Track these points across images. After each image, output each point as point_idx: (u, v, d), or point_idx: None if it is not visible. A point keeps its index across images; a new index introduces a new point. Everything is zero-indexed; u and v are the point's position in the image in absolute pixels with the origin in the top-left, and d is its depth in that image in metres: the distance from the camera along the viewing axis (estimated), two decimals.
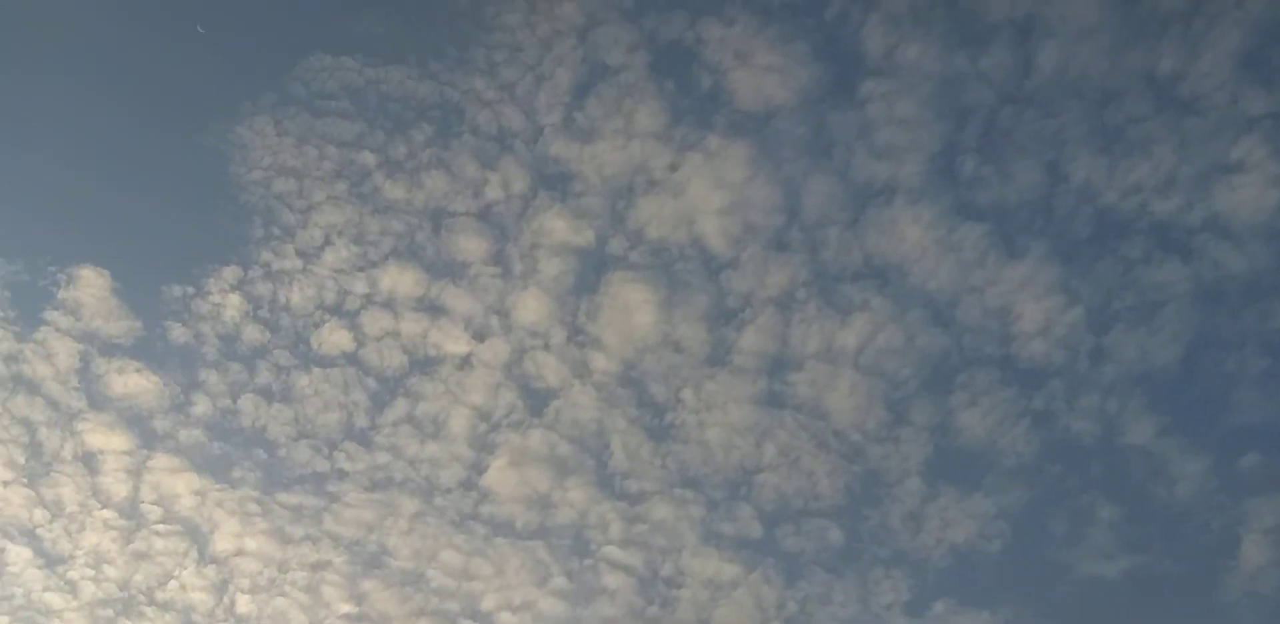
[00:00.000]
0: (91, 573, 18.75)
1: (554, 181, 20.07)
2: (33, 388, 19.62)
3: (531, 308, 20.06)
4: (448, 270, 20.51)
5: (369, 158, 20.69)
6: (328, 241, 20.79)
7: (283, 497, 20.50)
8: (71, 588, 18.58)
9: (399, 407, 21.12)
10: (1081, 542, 16.86)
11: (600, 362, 19.89)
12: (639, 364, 19.66)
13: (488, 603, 20.38)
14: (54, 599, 18.36)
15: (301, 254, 20.72)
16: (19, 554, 18.44)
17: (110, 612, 18.68)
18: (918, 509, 17.89)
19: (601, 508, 20.62)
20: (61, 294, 19.96)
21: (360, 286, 20.65)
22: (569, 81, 19.27)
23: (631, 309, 19.15)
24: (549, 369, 20.36)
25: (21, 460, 19.20)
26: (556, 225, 19.49)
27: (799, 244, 17.88)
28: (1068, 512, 17.08)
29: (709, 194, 18.08)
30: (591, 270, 19.68)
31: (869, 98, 16.41)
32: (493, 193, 20.13)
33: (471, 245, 20.45)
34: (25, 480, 19.05)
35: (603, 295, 19.67)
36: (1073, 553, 16.99)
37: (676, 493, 19.76)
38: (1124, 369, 16.00)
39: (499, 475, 20.65)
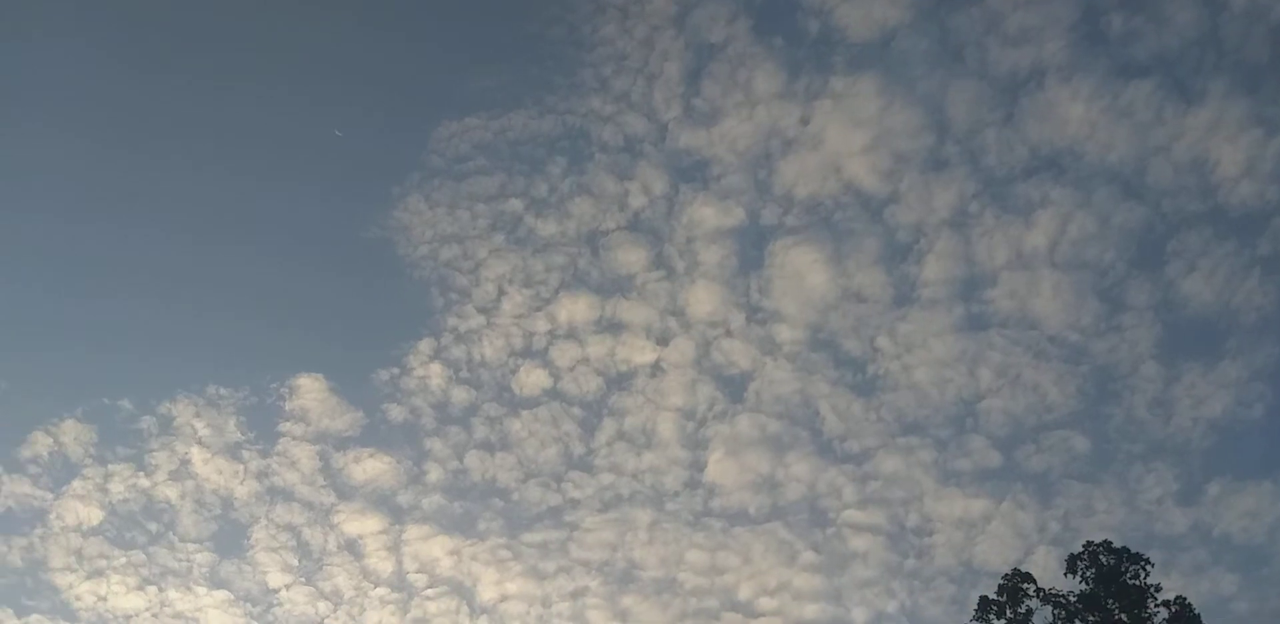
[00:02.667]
0: None
1: (691, 173, 20.30)
2: (287, 495, 20.61)
3: (704, 300, 20.23)
4: (615, 287, 20.81)
5: (516, 204, 21.17)
6: (501, 292, 21.33)
7: (527, 537, 20.90)
8: None
9: (608, 427, 21.41)
10: None
11: (785, 333, 19.98)
12: (825, 325, 19.69)
13: (744, 592, 20.43)
14: None
15: (482, 310, 21.27)
16: None
17: None
18: (1162, 394, 17.56)
19: (829, 475, 20.59)
20: (288, 406, 21.09)
21: (541, 325, 21.07)
22: (679, 72, 19.59)
23: (802, 273, 19.19)
24: (737, 354, 20.48)
25: (295, 562, 20.08)
26: (705, 214, 19.69)
27: (957, 158, 17.88)
28: None
29: (848, 136, 18.21)
30: (752, 247, 19.83)
31: None
32: (636, 201, 20.44)
33: (631, 257, 20.74)
34: (304, 579, 19.83)
35: (770, 268, 19.82)
36: None
37: (900, 442, 19.70)
38: None
39: (719, 468, 20.72)
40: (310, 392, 21.10)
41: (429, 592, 20.13)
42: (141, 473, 20.29)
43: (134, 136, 24.11)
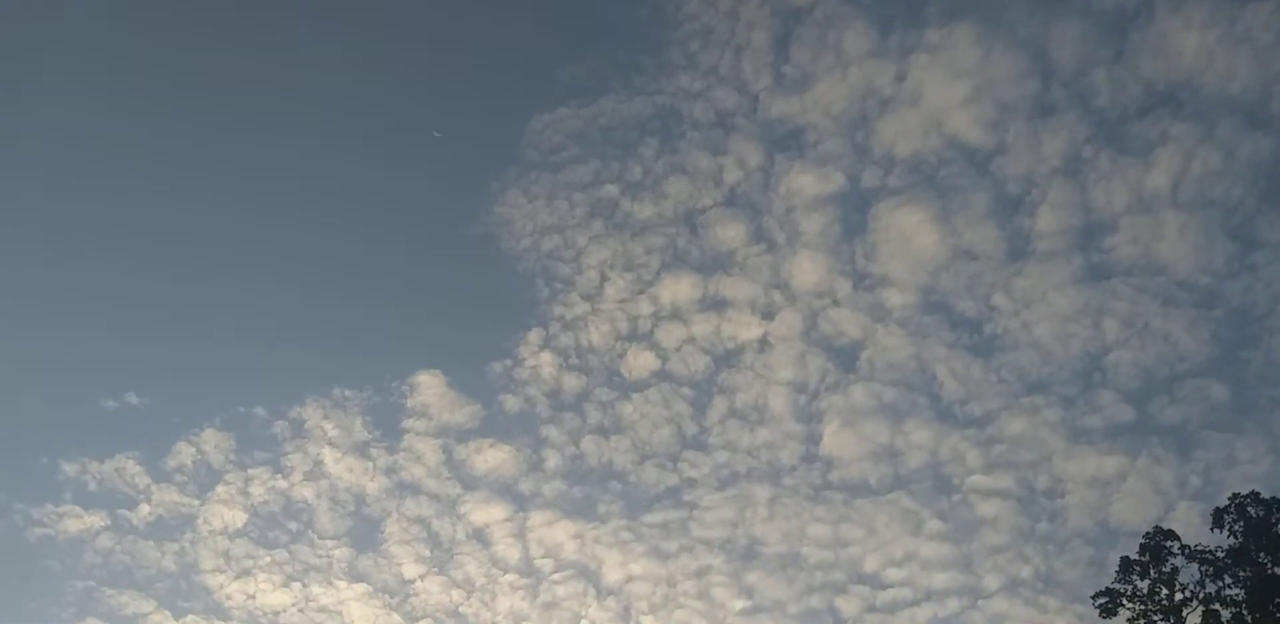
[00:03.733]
0: None
1: (786, 141, 19.94)
2: (415, 488, 21.24)
3: (807, 270, 19.90)
4: (717, 263, 20.64)
5: (612, 190, 21.15)
6: (604, 278, 21.41)
7: (648, 518, 21.00)
8: None
9: (719, 405, 21.30)
10: None
11: (895, 298, 19.51)
12: (937, 286, 19.16)
13: (870, 564, 20.10)
14: None
15: (586, 297, 21.41)
16: None
17: None
18: None
19: (951, 441, 20.08)
20: (410, 403, 21.71)
21: (645, 307, 21.07)
22: (766, 40, 19.22)
23: (909, 235, 18.66)
24: (847, 323, 20.11)
25: (427, 553, 20.67)
26: (804, 182, 19.32)
27: (1065, 101, 17.09)
28: None
29: (948, 89, 17.59)
30: (854, 211, 19.41)
31: None
32: (732, 175, 20.19)
33: (730, 233, 20.54)
34: (436, 569, 20.42)
35: (875, 232, 19.37)
36: None
37: (1025, 402, 19.07)
38: None
39: (836, 440, 20.41)
40: (429, 388, 21.61)
41: (556, 576, 20.44)
42: (279, 475, 21.10)
43: (254, 137, 24.91)
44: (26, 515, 20.37)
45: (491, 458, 21.06)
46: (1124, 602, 10.82)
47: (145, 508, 20.58)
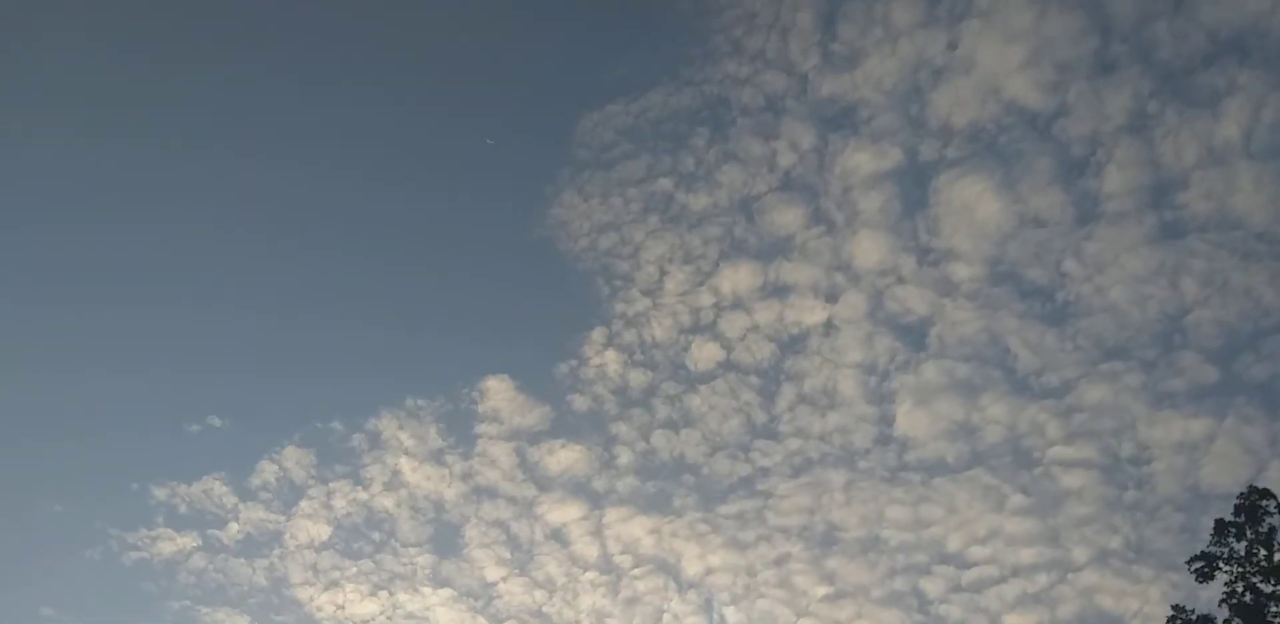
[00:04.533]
0: None
1: (839, 121, 19.68)
2: (492, 492, 21.49)
3: (869, 249, 19.60)
4: (776, 249, 20.47)
5: (665, 183, 21.13)
6: (663, 272, 21.38)
7: (723, 509, 20.88)
8: None
9: (787, 392, 21.09)
10: None
11: (962, 271, 19.12)
12: (1004, 257, 18.72)
13: (953, 544, 19.70)
14: None
15: (646, 292, 21.39)
16: None
17: None
18: None
19: (1029, 413, 19.60)
20: (481, 408, 21.97)
21: (706, 299, 20.98)
22: (812, 19, 18.97)
23: (972, 205, 18.26)
24: (913, 300, 19.76)
25: (508, 555, 20.90)
26: (859, 160, 19.03)
27: (1127, 57, 16.53)
28: None
29: (1003, 53, 17.16)
30: (913, 186, 19.06)
31: None
32: (785, 159, 20.00)
33: (787, 217, 20.34)
34: (518, 570, 20.61)
35: (935, 206, 19.00)
36: None
37: (1104, 368, 18.53)
38: None
39: (909, 420, 20.06)
40: (499, 392, 21.78)
41: (636, 571, 20.42)
42: (359, 487, 21.43)
43: (306, 161, 25.36)
44: (121, 540, 21.00)
45: (564, 458, 21.15)
46: (1220, 565, 10.42)
47: (234, 526, 21.08)
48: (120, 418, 24.04)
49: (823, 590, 20.15)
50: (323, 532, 21.15)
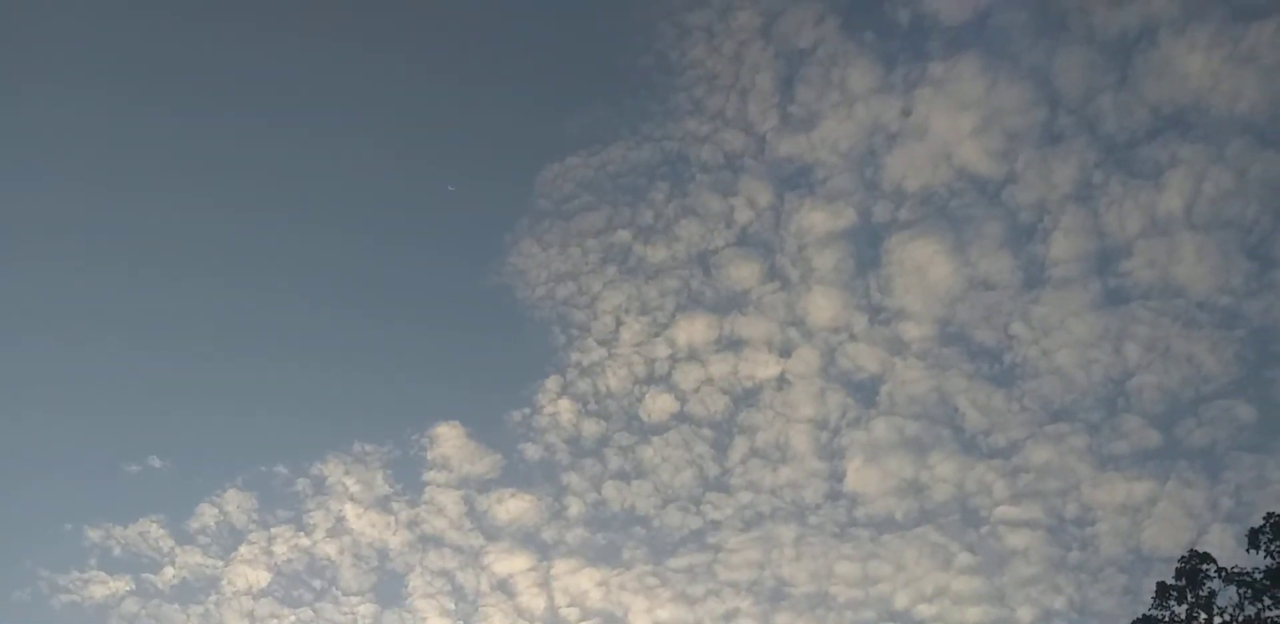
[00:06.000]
0: None
1: (795, 179, 20.06)
2: (438, 541, 21.13)
3: (823, 306, 19.88)
4: (731, 303, 20.67)
5: (624, 235, 21.35)
6: (619, 322, 21.48)
7: (672, 562, 20.79)
8: None
9: (740, 445, 21.16)
10: None
11: (913, 331, 19.44)
12: (953, 318, 19.09)
13: (900, 601, 19.77)
14: None
15: (602, 342, 21.46)
16: None
17: None
18: None
19: (976, 472, 19.85)
20: (430, 455, 21.75)
21: (662, 350, 21.08)
22: (771, 81, 19.44)
23: (923, 267, 18.65)
24: (864, 357, 20.03)
25: (453, 606, 20.59)
26: (814, 219, 19.39)
27: (1073, 128, 17.14)
28: None
29: (955, 120, 17.68)
30: (867, 246, 19.41)
31: None
32: (742, 216, 20.30)
33: (743, 272, 20.58)
34: (462, 621, 20.22)
35: (888, 265, 19.36)
36: None
37: (1049, 430, 18.86)
38: None
39: (859, 476, 20.20)
40: (449, 439, 21.59)
41: None
42: (301, 533, 21.01)
43: (264, 201, 25.26)
44: (52, 582, 20.35)
45: (513, 507, 20.95)
46: None
47: (170, 571, 20.52)
48: (55, 456, 23.47)
49: None
50: (262, 578, 20.67)
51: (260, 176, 25.56)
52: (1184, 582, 10.73)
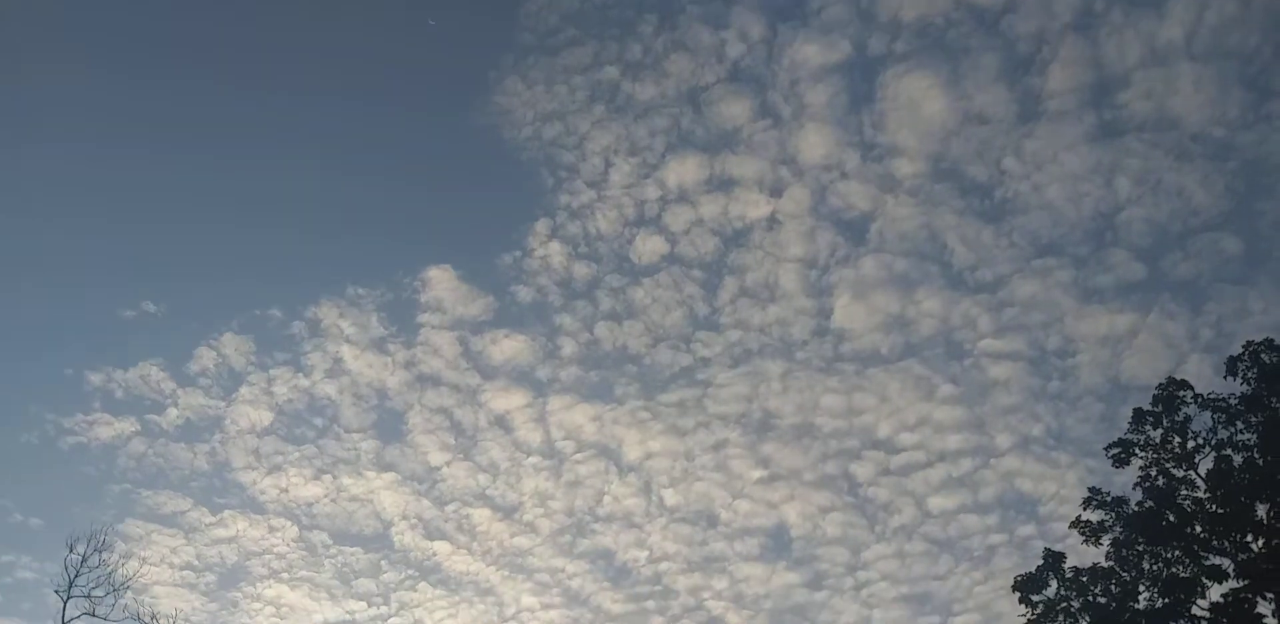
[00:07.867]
0: (541, 511, 20.29)
1: (789, 11, 19.25)
2: (435, 380, 21.53)
3: (815, 143, 19.56)
4: (723, 142, 20.30)
5: (611, 71, 20.67)
6: (608, 163, 21.16)
7: (664, 397, 21.33)
8: (531, 528, 20.04)
9: (729, 285, 21.32)
10: None
11: (905, 167, 19.23)
12: (946, 153, 18.83)
13: (883, 430, 20.47)
14: (521, 542, 19.97)
15: (591, 184, 21.20)
16: (481, 514, 20.30)
17: (568, 537, 20.23)
18: None
19: (962, 307, 20.13)
20: (423, 298, 21.85)
21: (652, 192, 20.88)
22: None
23: (917, 101, 18.22)
24: (856, 195, 19.91)
25: (452, 441, 21.19)
26: (808, 52, 18.77)
27: None
28: None
29: None
30: (861, 79, 18.91)
31: None
32: (734, 50, 19.61)
33: (735, 109, 20.13)
34: (462, 455, 20.94)
35: (882, 101, 18.95)
36: None
37: (1036, 265, 19.00)
38: None
39: (847, 312, 20.48)
40: (441, 282, 21.71)
41: (578, 456, 20.95)
42: (300, 374, 21.44)
43: (244, 46, 24.47)
44: (58, 425, 20.91)
45: (508, 348, 21.31)
46: (1136, 451, 10.94)
47: (173, 412, 21.06)
48: (53, 299, 23.68)
49: (757, 474, 20.91)
50: (264, 417, 21.22)
51: (238, 16, 24.61)
52: (1160, 407, 11.04)
